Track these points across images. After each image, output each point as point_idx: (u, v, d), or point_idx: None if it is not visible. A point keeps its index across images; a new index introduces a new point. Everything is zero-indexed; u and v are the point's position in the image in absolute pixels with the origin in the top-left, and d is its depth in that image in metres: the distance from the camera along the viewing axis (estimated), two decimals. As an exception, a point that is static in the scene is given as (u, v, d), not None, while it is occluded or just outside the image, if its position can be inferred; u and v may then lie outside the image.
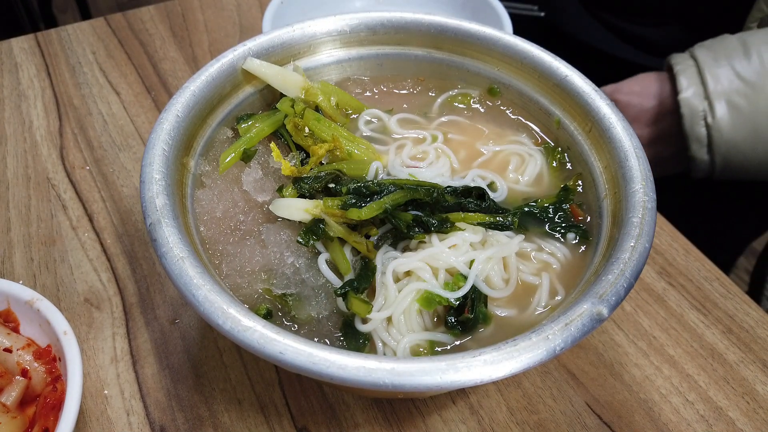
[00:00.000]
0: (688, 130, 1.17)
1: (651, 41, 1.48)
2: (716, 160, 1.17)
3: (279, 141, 0.84)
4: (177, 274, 0.60)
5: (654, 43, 1.48)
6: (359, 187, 0.74)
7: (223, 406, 0.79)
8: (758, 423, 0.81)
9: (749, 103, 1.13)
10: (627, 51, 1.50)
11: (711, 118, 1.14)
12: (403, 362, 0.55)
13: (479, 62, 0.92)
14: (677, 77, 1.18)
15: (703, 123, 1.15)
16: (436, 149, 0.87)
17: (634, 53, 1.49)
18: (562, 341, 0.57)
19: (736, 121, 1.14)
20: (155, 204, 0.65)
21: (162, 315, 0.88)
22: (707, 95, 1.15)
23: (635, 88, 1.27)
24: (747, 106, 1.13)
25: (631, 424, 0.80)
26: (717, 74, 1.15)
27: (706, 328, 0.90)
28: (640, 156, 0.74)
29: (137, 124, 1.16)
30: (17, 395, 0.72)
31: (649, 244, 0.65)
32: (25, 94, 1.21)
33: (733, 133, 1.14)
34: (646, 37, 1.49)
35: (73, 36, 1.34)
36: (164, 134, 0.71)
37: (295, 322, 0.69)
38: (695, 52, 1.20)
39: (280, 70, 0.85)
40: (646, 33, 1.49)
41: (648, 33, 1.48)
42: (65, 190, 1.04)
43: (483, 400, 0.81)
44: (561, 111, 0.86)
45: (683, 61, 1.20)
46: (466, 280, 0.70)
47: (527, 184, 0.85)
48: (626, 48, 1.50)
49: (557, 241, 0.78)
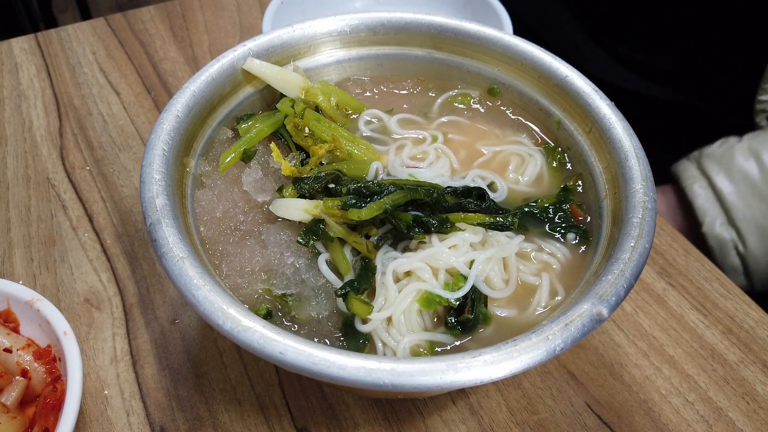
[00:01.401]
0: (721, 262, 1.10)
1: (653, 68, 1.46)
2: (755, 283, 1.11)
3: (279, 141, 0.84)
4: (177, 275, 0.60)
5: (655, 70, 1.46)
6: (359, 188, 0.74)
7: (223, 406, 0.79)
8: (758, 423, 0.81)
9: None
10: (629, 78, 1.47)
11: (742, 247, 1.07)
12: (403, 362, 0.55)
13: (479, 62, 0.92)
14: (693, 202, 1.10)
15: (735, 253, 1.09)
16: (436, 149, 0.87)
17: (635, 80, 1.47)
18: (562, 341, 0.57)
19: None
20: (155, 204, 0.65)
21: (162, 315, 0.88)
22: (731, 221, 1.07)
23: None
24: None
25: (631, 424, 0.80)
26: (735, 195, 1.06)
27: (706, 328, 0.90)
28: (640, 156, 0.74)
29: (137, 124, 1.16)
30: (17, 395, 0.72)
31: (649, 245, 0.65)
32: (25, 94, 1.21)
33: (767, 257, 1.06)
34: (648, 64, 1.46)
35: (73, 36, 1.34)
36: (164, 134, 0.71)
37: (295, 323, 0.69)
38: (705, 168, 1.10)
39: (280, 71, 0.85)
40: (649, 60, 1.46)
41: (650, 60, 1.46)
42: (65, 191, 1.04)
43: (483, 401, 0.81)
44: (561, 111, 0.86)
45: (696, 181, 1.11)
46: (466, 281, 0.70)
47: (527, 184, 0.85)
48: (629, 75, 1.48)
49: (557, 241, 0.78)
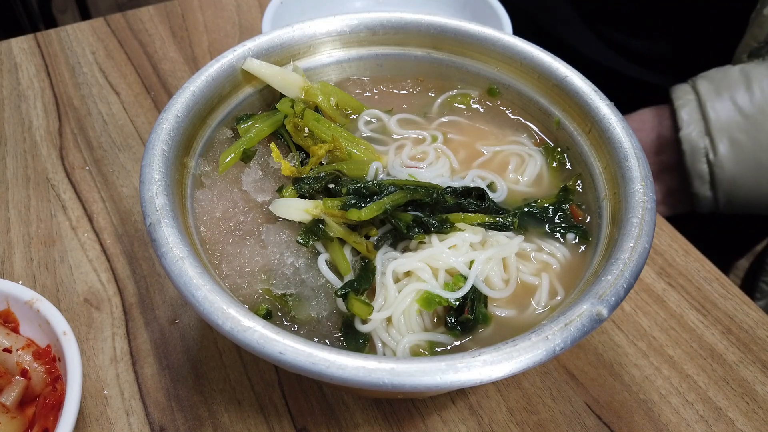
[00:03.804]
0: (690, 167, 1.15)
1: (645, 54, 1.47)
2: (719, 197, 1.15)
3: (279, 141, 0.84)
4: (176, 274, 0.60)
5: (648, 56, 1.47)
6: (359, 188, 0.74)
7: (223, 406, 0.79)
8: (757, 423, 0.81)
9: (751, 138, 1.10)
10: (622, 64, 1.48)
11: (713, 154, 1.12)
12: (403, 362, 0.55)
13: (479, 63, 0.92)
14: (677, 112, 1.16)
15: (705, 160, 1.13)
16: (436, 149, 0.87)
17: (628, 66, 1.48)
18: (561, 341, 0.57)
19: (738, 157, 1.11)
20: (155, 204, 0.65)
21: (162, 315, 0.88)
22: (709, 131, 1.12)
23: (633, 125, 1.24)
24: (749, 142, 1.10)
25: (631, 424, 0.80)
26: (718, 108, 1.12)
27: (706, 328, 0.90)
28: (640, 156, 0.74)
29: (137, 124, 1.16)
30: (17, 395, 0.72)
31: (649, 245, 0.65)
32: (25, 94, 1.21)
33: (735, 169, 1.11)
34: (641, 50, 1.47)
35: (72, 36, 1.34)
36: (164, 134, 0.71)
37: (295, 323, 0.69)
38: (697, 85, 1.17)
39: (280, 71, 0.86)
40: (641, 46, 1.47)
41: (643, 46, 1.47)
42: (65, 191, 1.04)
43: (483, 401, 0.81)
44: (561, 111, 0.86)
45: (684, 95, 1.17)
46: (465, 281, 0.70)
47: (527, 184, 0.85)
48: (621, 61, 1.49)
49: (557, 241, 0.78)
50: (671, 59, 1.36)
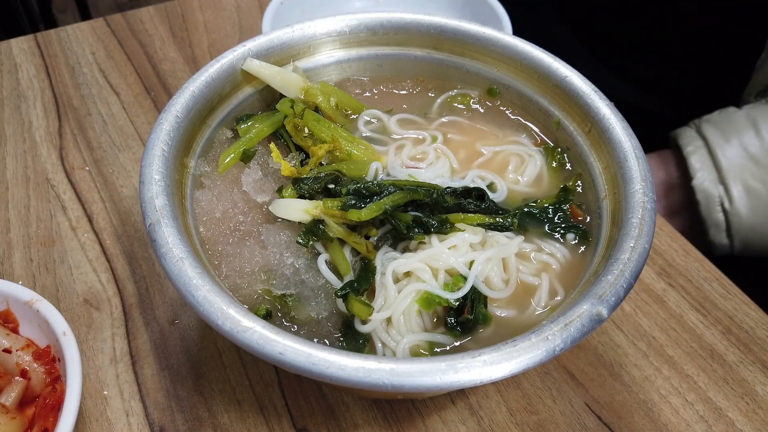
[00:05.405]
0: (705, 216, 1.13)
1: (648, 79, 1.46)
2: (735, 243, 1.14)
3: (279, 141, 0.84)
4: (176, 275, 0.60)
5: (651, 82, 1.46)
6: (359, 188, 0.74)
7: (223, 406, 0.79)
8: (757, 423, 0.81)
9: (765, 185, 1.09)
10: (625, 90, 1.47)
11: (728, 203, 1.11)
12: (403, 363, 0.55)
13: (479, 63, 0.92)
14: (688, 159, 1.14)
15: (720, 209, 1.12)
16: (436, 150, 0.87)
17: (633, 92, 1.47)
18: (561, 342, 0.57)
19: (753, 205, 1.10)
20: (155, 204, 0.65)
21: (161, 315, 0.88)
22: (722, 179, 1.11)
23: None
24: (763, 189, 1.09)
25: (631, 424, 0.80)
26: (729, 155, 1.10)
27: (706, 328, 0.90)
28: (640, 156, 0.74)
29: (137, 124, 1.16)
30: (16, 396, 0.72)
31: (649, 245, 0.65)
32: (25, 94, 1.20)
33: (752, 217, 1.10)
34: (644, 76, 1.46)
35: (72, 36, 1.34)
36: (164, 135, 0.71)
37: (295, 323, 0.69)
38: (702, 130, 1.15)
39: (280, 71, 0.85)
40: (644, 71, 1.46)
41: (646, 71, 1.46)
42: (65, 191, 1.04)
43: (482, 401, 0.81)
44: (560, 111, 0.86)
45: (692, 141, 1.15)
46: (465, 281, 0.69)
47: (527, 184, 0.85)
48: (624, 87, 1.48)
49: (557, 241, 0.78)
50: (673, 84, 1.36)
